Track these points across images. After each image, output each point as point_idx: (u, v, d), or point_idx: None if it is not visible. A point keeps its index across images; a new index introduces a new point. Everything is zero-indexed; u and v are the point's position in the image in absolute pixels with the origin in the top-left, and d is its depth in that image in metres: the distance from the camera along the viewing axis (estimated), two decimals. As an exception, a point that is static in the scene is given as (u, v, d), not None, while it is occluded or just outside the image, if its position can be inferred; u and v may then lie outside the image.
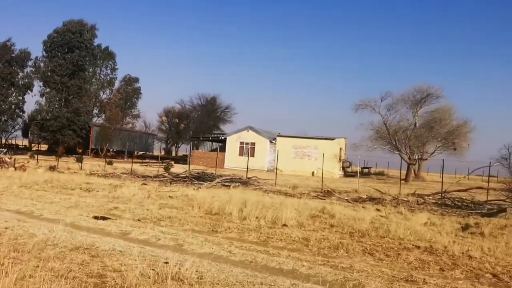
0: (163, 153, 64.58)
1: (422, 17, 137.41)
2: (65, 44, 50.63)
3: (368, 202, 17.64)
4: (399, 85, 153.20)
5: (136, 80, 66.52)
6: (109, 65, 61.18)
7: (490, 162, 24.18)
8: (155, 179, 21.85)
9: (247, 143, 45.47)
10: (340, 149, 45.03)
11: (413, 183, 40.17)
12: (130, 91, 64.83)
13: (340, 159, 44.55)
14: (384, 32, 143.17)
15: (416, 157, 42.04)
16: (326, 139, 43.58)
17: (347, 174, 46.81)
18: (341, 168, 45.91)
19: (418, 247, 8.24)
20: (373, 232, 9.65)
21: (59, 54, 50.73)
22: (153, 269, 5.63)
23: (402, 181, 42.19)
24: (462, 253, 7.97)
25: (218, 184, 19.71)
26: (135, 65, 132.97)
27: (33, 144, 58.51)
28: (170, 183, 20.53)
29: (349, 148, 46.98)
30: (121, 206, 11.63)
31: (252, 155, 44.67)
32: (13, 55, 51.00)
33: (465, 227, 10.91)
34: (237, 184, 19.91)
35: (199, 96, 69.46)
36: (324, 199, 17.53)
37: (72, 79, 50.62)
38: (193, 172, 22.37)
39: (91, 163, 33.93)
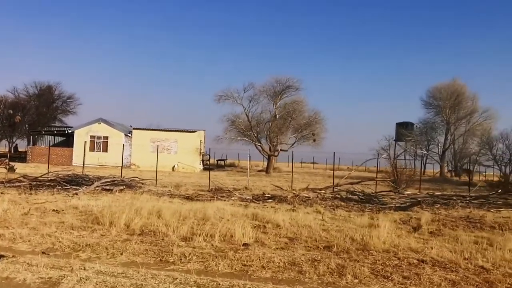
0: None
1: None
2: None
3: (270, 200, 16.53)
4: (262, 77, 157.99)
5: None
6: None
7: (378, 154, 25.06)
8: (8, 185, 17.58)
9: (99, 137, 40.84)
10: (200, 141, 43.49)
11: (273, 174, 40.72)
12: None
13: (200, 152, 43.07)
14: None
15: (278, 149, 42.65)
16: (187, 131, 41.58)
17: (205, 168, 45.56)
18: (201, 162, 44.51)
19: (424, 261, 7.17)
20: (346, 245, 8.35)
21: None
22: None
23: (263, 173, 42.75)
24: (470, 262, 7.13)
25: (97, 188, 16.53)
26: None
27: None
28: (31, 189, 16.68)
29: (210, 141, 45.73)
30: (5, 232, 8.37)
31: (105, 150, 40.51)
32: None
33: (417, 228, 10.34)
34: (121, 187, 16.96)
35: (36, 84, 60.65)
36: (226, 200, 15.86)
37: None
38: (61, 174, 18.55)
39: None
